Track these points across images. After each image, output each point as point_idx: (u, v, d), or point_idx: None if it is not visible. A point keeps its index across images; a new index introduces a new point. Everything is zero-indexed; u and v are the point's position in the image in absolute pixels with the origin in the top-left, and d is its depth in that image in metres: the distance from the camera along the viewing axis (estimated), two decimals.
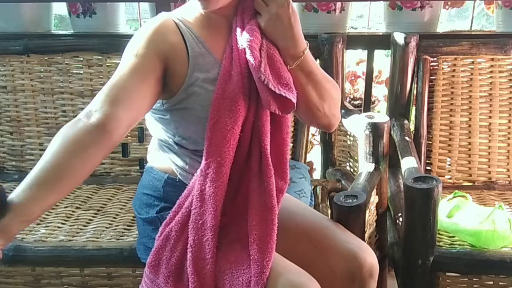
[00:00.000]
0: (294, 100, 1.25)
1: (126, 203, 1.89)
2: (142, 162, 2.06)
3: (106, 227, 1.72)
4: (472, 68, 2.02)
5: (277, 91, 1.22)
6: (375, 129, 1.63)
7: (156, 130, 1.36)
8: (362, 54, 2.77)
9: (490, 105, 2.01)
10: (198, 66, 1.26)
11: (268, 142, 1.28)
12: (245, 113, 1.26)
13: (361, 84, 2.75)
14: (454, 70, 2.03)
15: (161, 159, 1.38)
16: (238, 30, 1.27)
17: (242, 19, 1.28)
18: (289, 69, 1.28)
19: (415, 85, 2.04)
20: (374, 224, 1.64)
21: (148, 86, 1.21)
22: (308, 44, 1.31)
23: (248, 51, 1.22)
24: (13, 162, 2.14)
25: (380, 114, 1.77)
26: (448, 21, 3.40)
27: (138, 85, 1.19)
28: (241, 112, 1.25)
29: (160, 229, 1.27)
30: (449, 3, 2.33)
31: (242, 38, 1.24)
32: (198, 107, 1.26)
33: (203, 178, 1.24)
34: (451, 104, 2.03)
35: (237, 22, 1.28)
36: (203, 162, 1.25)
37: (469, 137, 2.02)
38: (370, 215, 1.56)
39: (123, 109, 1.17)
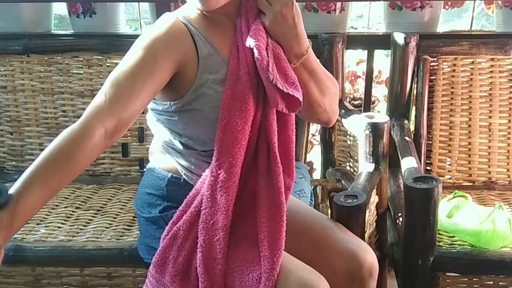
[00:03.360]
0: (301, 98, 1.26)
1: (126, 203, 1.89)
2: (142, 162, 2.06)
3: (106, 227, 1.72)
4: (472, 68, 2.02)
5: (285, 90, 1.23)
6: (375, 129, 1.63)
7: (160, 131, 1.36)
8: (362, 54, 2.77)
9: (490, 105, 2.01)
10: (207, 67, 1.26)
11: (276, 140, 1.29)
12: (254, 113, 1.27)
13: (361, 84, 2.76)
14: (454, 70, 2.03)
15: (164, 160, 1.38)
16: (244, 30, 1.27)
17: (247, 19, 1.28)
18: (292, 68, 1.29)
19: (415, 85, 2.04)
20: (374, 224, 1.64)
21: (154, 92, 1.22)
22: (311, 43, 1.32)
23: (255, 51, 1.22)
24: (13, 162, 2.14)
25: (380, 114, 1.77)
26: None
27: (148, 94, 1.20)
28: (250, 112, 1.25)
29: (167, 228, 1.27)
30: (449, 3, 2.33)
31: (249, 38, 1.24)
32: (207, 108, 1.27)
33: (214, 178, 1.24)
34: (451, 104, 2.03)
35: (242, 21, 1.29)
36: (214, 162, 1.25)
37: (469, 137, 2.02)
38: (370, 215, 1.56)
39: (130, 119, 1.19)
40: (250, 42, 1.24)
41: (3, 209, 1.04)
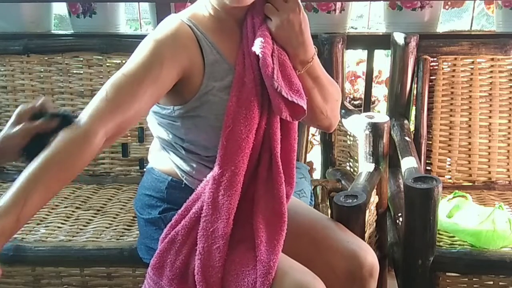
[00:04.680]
0: (305, 106, 1.25)
1: (126, 203, 1.89)
2: (142, 162, 2.06)
3: (106, 227, 1.72)
4: (472, 68, 2.02)
5: (289, 98, 1.22)
6: (375, 129, 1.63)
7: (161, 133, 1.34)
8: (362, 54, 2.77)
9: (490, 105, 2.01)
10: (213, 74, 1.25)
11: (279, 149, 1.28)
12: (259, 121, 1.25)
13: (361, 84, 2.75)
14: (454, 70, 2.03)
15: (164, 161, 1.38)
16: (250, 35, 1.26)
17: (253, 24, 1.26)
18: (297, 74, 1.28)
19: (415, 85, 2.04)
20: (374, 224, 1.64)
21: (156, 98, 1.21)
22: (317, 50, 1.31)
23: (261, 58, 1.21)
24: (13, 162, 2.13)
25: (380, 114, 1.77)
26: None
27: (151, 100, 1.19)
28: (255, 120, 1.24)
29: (165, 231, 1.26)
30: (449, 3, 2.34)
31: (255, 45, 1.22)
32: (211, 115, 1.25)
33: (216, 186, 1.23)
34: (451, 104, 2.03)
35: (248, 27, 1.27)
36: (217, 170, 1.24)
37: (469, 137, 2.02)
38: (370, 215, 1.56)
39: (130, 124, 1.19)
40: (255, 48, 1.22)
41: (7, 216, 1.02)
